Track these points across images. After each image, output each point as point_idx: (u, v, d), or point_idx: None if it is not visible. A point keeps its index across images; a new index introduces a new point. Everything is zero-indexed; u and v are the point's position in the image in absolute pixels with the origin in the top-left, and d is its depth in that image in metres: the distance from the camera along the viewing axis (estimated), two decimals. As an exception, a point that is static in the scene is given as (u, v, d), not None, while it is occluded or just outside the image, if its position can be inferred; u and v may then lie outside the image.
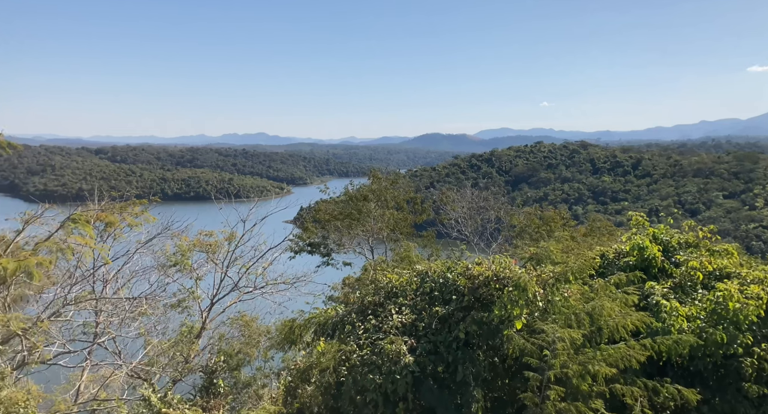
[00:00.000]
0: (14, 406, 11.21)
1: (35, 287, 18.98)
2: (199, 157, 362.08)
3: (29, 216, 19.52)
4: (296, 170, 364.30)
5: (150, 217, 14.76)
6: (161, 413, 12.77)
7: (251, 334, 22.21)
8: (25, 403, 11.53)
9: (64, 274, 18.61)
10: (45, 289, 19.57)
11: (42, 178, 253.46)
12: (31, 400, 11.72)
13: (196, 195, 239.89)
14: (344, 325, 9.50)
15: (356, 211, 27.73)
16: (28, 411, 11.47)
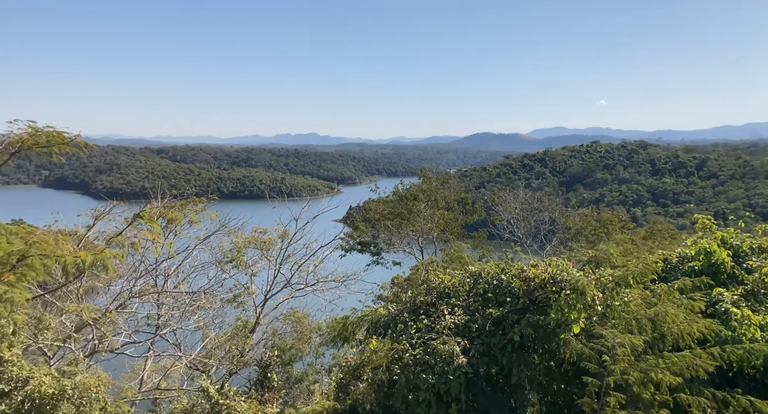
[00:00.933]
0: (87, 391, 11.88)
1: (104, 280, 20.15)
2: (254, 156, 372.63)
3: (99, 212, 20.74)
4: (346, 170, 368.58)
5: (213, 215, 15.32)
6: (219, 404, 13.27)
7: (303, 331, 22.66)
8: (97, 388, 12.20)
9: (129, 268, 19.61)
10: (113, 282, 20.74)
11: (109, 176, 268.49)
12: (102, 387, 12.38)
13: (250, 194, 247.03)
14: (396, 324, 9.55)
15: (406, 210, 27.76)
16: (99, 396, 12.13)
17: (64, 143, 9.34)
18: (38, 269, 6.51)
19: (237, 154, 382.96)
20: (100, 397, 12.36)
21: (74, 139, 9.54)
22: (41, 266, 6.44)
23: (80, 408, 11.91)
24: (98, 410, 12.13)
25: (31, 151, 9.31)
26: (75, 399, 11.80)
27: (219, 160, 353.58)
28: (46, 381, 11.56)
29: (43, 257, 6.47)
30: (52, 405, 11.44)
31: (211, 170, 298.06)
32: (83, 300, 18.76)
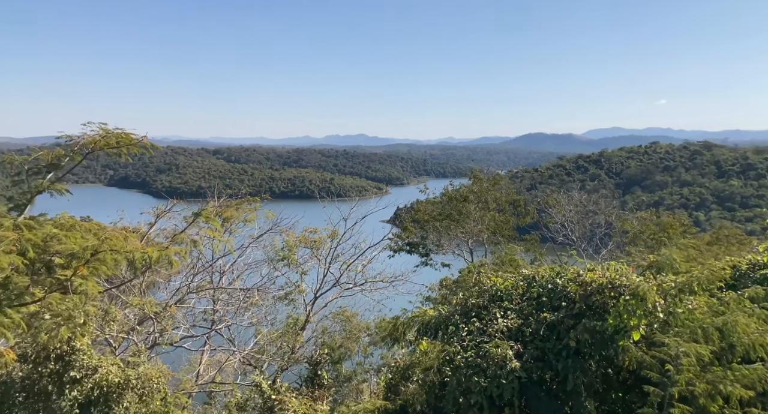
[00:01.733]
0: (149, 382, 12.47)
1: (164, 275, 21.07)
2: (304, 157, 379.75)
3: (160, 211, 21.72)
4: (394, 170, 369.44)
5: (269, 214, 15.75)
6: (271, 399, 13.60)
7: (352, 330, 22.87)
8: (158, 379, 12.78)
9: (188, 265, 20.40)
10: (172, 278, 21.66)
11: (168, 175, 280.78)
12: (162, 378, 12.95)
13: (300, 193, 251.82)
14: (447, 326, 9.50)
15: (456, 212, 27.51)
16: (159, 387, 12.70)
17: (132, 144, 9.82)
18: (109, 264, 6.88)
19: (288, 154, 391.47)
20: (161, 388, 12.93)
21: (141, 140, 10.02)
22: (112, 261, 6.82)
23: (143, 397, 12.51)
24: (159, 400, 12.69)
25: (101, 152, 9.85)
26: (138, 389, 12.40)
27: (271, 161, 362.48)
28: (112, 370, 12.21)
29: (114, 253, 6.84)
30: (118, 393, 12.06)
31: (264, 170, 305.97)
32: (145, 294, 19.71)
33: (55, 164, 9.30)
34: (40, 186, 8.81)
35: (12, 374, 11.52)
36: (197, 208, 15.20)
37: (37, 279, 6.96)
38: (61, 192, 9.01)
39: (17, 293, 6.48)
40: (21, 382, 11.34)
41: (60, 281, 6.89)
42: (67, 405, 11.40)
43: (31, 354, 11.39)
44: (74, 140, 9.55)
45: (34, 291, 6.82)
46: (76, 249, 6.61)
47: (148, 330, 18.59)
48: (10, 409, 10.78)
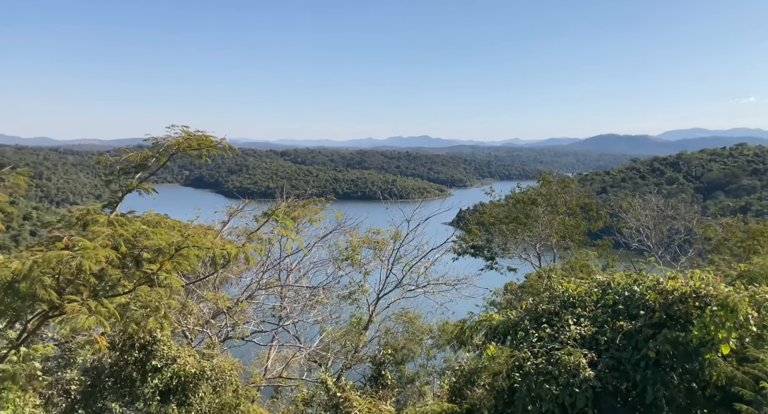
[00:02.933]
0: (222, 373, 13.06)
1: (235, 271, 21.93)
2: (367, 159, 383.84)
3: (233, 210, 22.70)
4: (456, 172, 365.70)
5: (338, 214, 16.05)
6: (336, 396, 13.83)
7: (415, 332, 22.85)
8: (230, 372, 13.34)
9: (257, 262, 21.12)
10: (243, 274, 22.53)
11: (238, 176, 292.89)
12: (234, 371, 13.52)
13: (363, 194, 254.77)
14: (517, 331, 9.28)
15: (523, 215, 26.80)
16: (232, 379, 13.26)
17: (212, 146, 10.31)
18: (191, 259, 7.23)
19: (351, 156, 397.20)
20: (233, 380, 13.49)
21: (220, 142, 10.49)
22: (194, 257, 7.16)
23: (216, 388, 13.10)
24: (231, 392, 13.25)
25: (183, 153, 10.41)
26: (213, 380, 13.01)
27: (335, 162, 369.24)
28: (189, 361, 12.88)
29: (196, 249, 7.18)
30: (194, 383, 12.70)
31: (328, 172, 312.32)
32: (218, 290, 20.63)
33: (142, 165, 9.93)
34: (130, 185, 9.43)
35: (102, 360, 12.44)
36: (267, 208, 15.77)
37: (127, 272, 7.42)
38: (149, 191, 9.61)
39: (111, 284, 6.96)
40: (110, 368, 12.21)
41: (147, 275, 7.32)
42: (149, 392, 12.16)
43: (118, 342, 12.24)
44: (159, 142, 10.15)
45: (124, 283, 7.30)
46: (163, 244, 7.00)
47: (221, 324, 19.46)
48: (101, 393, 11.63)
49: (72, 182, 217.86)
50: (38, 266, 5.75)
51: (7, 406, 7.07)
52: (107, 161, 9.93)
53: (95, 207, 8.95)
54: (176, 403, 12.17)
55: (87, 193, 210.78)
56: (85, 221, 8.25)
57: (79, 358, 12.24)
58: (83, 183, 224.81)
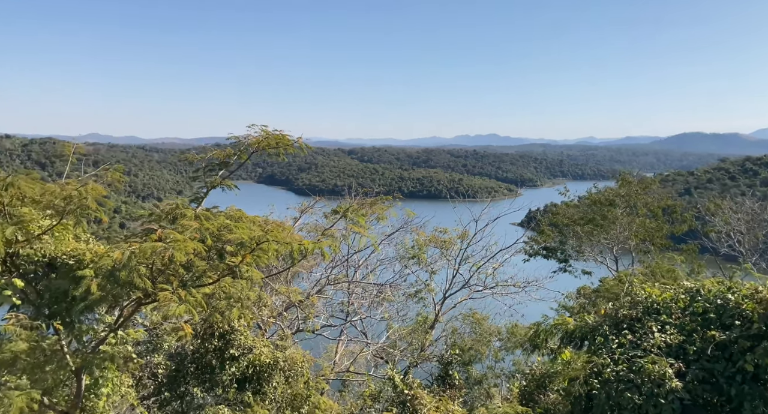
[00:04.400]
0: (294, 365, 13.49)
1: (306, 266, 22.56)
2: (433, 157, 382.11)
3: (304, 206, 23.36)
4: (526, 171, 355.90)
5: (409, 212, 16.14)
6: (404, 393, 13.90)
7: (482, 333, 22.53)
8: (301, 363, 13.76)
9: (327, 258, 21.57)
10: (313, 269, 23.15)
11: (308, 174, 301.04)
12: (305, 362, 13.93)
13: (428, 193, 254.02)
14: (595, 337, 8.90)
15: (600, 216, 25.60)
16: (303, 371, 13.67)
17: (288, 145, 10.65)
18: (270, 253, 7.49)
19: (417, 154, 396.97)
20: (304, 372, 13.89)
21: (296, 141, 10.82)
22: (273, 251, 7.41)
23: (289, 379, 13.55)
24: (302, 383, 13.65)
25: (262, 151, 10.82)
26: (286, 370, 13.46)
27: (401, 161, 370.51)
28: (264, 351, 13.41)
29: (275, 243, 7.43)
30: (269, 373, 13.20)
31: (394, 170, 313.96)
32: (290, 283, 21.33)
33: (225, 162, 10.43)
34: (214, 181, 9.93)
35: (185, 347, 13.21)
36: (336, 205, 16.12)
37: (211, 264, 7.79)
38: (231, 187, 10.09)
39: (198, 275, 7.36)
40: (192, 355, 12.95)
41: (229, 267, 7.66)
42: (227, 379, 12.77)
43: (199, 331, 12.95)
44: (241, 141, 10.62)
45: (209, 274, 7.68)
46: (245, 238, 7.30)
47: (292, 317, 20.11)
48: (184, 377, 12.36)
49: (156, 178, 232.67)
50: (135, 256, 6.18)
51: (106, 385, 7.68)
52: (194, 159, 10.51)
53: (183, 202, 9.51)
54: (251, 391, 12.70)
55: (169, 189, 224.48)
56: (174, 215, 8.79)
57: (165, 344, 13.07)
58: (166, 179, 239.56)
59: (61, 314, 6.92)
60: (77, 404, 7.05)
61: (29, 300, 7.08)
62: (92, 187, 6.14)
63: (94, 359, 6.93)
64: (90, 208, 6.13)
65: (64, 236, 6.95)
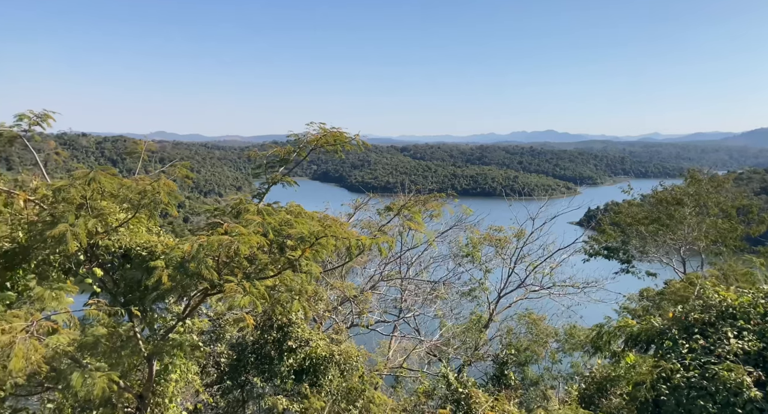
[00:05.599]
0: (349, 359, 13.67)
1: (360, 262, 22.80)
2: (487, 154, 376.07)
3: (358, 203, 23.62)
4: (585, 169, 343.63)
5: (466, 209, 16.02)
6: (458, 391, 13.81)
7: (539, 333, 22.05)
8: (356, 358, 13.93)
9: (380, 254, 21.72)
10: (366, 265, 23.38)
11: (360, 171, 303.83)
12: (360, 357, 14.09)
13: (482, 191, 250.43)
14: (662, 341, 8.49)
15: (666, 216, 24.32)
16: (357, 365, 13.83)
17: (346, 142, 10.78)
18: (329, 248, 7.60)
19: (471, 151, 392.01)
20: (359, 366, 14.05)
21: (353, 138, 10.94)
22: (332, 246, 7.52)
23: (344, 373, 13.75)
24: (357, 377, 13.82)
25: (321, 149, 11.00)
26: (341, 364, 13.67)
27: (454, 158, 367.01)
28: (320, 344, 13.66)
29: (334, 238, 7.54)
30: (324, 366, 13.45)
31: (447, 167, 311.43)
32: (344, 278, 21.64)
33: (286, 159, 10.69)
34: (275, 178, 10.20)
35: (245, 338, 13.67)
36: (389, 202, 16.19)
37: (272, 257, 7.99)
38: (291, 183, 10.33)
39: (260, 268, 7.58)
40: (252, 345, 13.38)
41: (289, 261, 7.82)
42: (285, 370, 13.11)
43: (259, 322, 13.37)
44: (300, 138, 10.84)
45: (270, 268, 7.89)
46: (305, 233, 7.45)
47: (346, 311, 20.39)
48: (244, 367, 12.80)
49: (217, 175, 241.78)
50: (203, 248, 6.44)
51: (175, 371, 8.08)
52: (255, 156, 10.84)
53: (246, 197, 9.84)
54: (308, 383, 12.98)
55: (229, 185, 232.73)
56: (237, 210, 9.10)
57: (227, 334, 13.58)
58: (226, 175, 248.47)
59: (134, 302, 7.33)
60: (149, 388, 7.45)
61: (107, 288, 7.54)
62: (164, 183, 6.45)
63: (165, 346, 7.30)
64: (162, 203, 6.44)
65: (138, 229, 7.34)
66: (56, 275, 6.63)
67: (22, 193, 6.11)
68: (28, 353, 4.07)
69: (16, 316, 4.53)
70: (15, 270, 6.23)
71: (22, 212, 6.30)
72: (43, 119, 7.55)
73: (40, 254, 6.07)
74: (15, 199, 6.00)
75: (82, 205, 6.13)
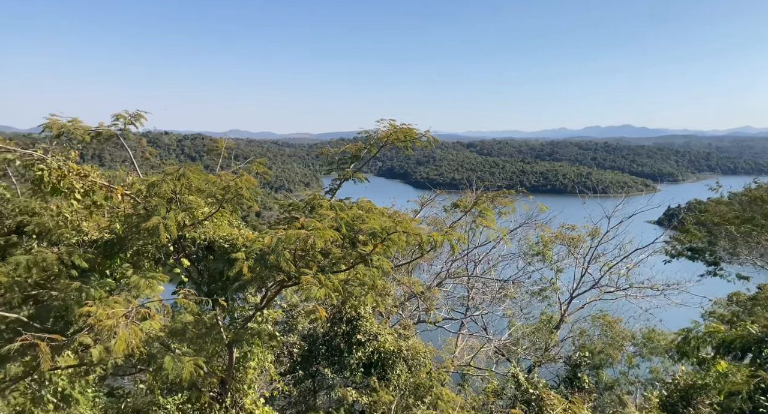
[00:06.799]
0: (417, 354, 13.72)
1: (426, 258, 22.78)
2: (558, 150, 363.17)
3: (424, 200, 23.58)
4: (665, 165, 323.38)
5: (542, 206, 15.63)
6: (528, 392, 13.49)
7: (614, 336, 21.21)
8: (424, 354, 13.96)
9: (447, 251, 21.63)
10: (433, 262, 23.33)
11: (425, 167, 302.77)
12: (428, 353, 14.10)
13: (552, 188, 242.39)
14: (761, 349, 7.86)
15: (761, 215, 22.34)
16: (425, 361, 13.85)
17: (416, 138, 10.78)
18: (400, 244, 7.63)
19: (541, 147, 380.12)
20: (427, 362, 14.06)
21: (424, 134, 10.92)
22: (403, 242, 7.54)
23: (412, 368, 13.81)
24: (425, 374, 13.83)
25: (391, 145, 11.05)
26: (409, 359, 13.74)
27: (523, 154, 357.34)
28: (389, 339, 13.80)
29: (405, 234, 7.56)
30: (392, 360, 13.57)
31: (515, 163, 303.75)
32: (411, 275, 21.70)
33: (357, 156, 10.85)
34: (347, 174, 10.38)
35: (316, 329, 14.06)
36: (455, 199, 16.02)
37: (344, 252, 8.13)
38: (362, 179, 10.48)
39: (334, 262, 7.75)
40: (323, 337, 13.74)
41: (361, 255, 7.92)
42: (354, 363, 13.35)
43: (329, 315, 13.70)
44: (370, 135, 10.95)
45: (343, 262, 8.03)
46: (377, 228, 7.53)
47: (413, 307, 20.46)
48: (315, 358, 13.17)
49: (287, 171, 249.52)
50: (282, 242, 6.66)
51: (253, 358, 8.45)
52: (328, 153, 11.08)
53: (318, 193, 10.08)
54: (377, 376, 13.15)
55: (298, 181, 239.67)
56: (311, 205, 9.35)
57: (299, 325, 14.02)
58: (296, 172, 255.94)
59: (217, 292, 7.73)
60: (231, 374, 7.83)
61: (192, 278, 7.99)
62: (246, 179, 6.74)
63: (244, 334, 7.64)
64: (244, 198, 6.73)
65: (221, 222, 7.72)
66: (148, 265, 7.11)
67: (120, 187, 6.61)
68: (129, 337, 4.42)
69: (116, 301, 4.93)
70: (113, 259, 6.76)
71: (120, 205, 6.82)
72: (136, 119, 8.11)
73: (134, 244, 6.56)
74: (114, 193, 6.51)
75: (172, 200, 6.54)
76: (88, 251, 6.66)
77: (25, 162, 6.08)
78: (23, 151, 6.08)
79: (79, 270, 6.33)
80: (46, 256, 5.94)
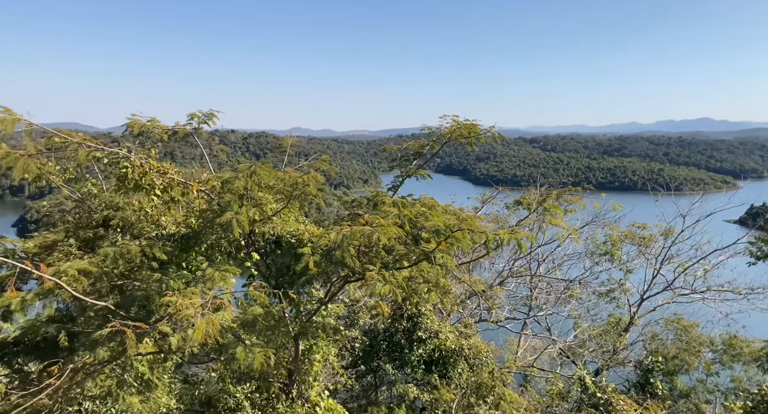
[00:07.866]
0: (479, 354, 13.55)
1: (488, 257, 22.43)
2: (628, 145, 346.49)
3: (486, 197, 23.18)
4: (748, 161, 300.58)
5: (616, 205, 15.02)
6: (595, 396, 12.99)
7: (690, 341, 20.06)
8: (486, 353, 13.77)
9: (510, 250, 21.18)
10: (495, 260, 22.93)
11: (485, 164, 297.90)
12: (490, 353, 13.89)
13: (620, 185, 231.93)
14: None
15: None
16: (488, 361, 13.66)
17: (480, 134, 10.61)
18: (464, 242, 7.54)
19: (609, 142, 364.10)
20: (489, 362, 13.87)
21: (489, 130, 10.73)
22: (467, 239, 7.44)
23: (473, 367, 13.66)
24: (487, 373, 13.64)
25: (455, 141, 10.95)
26: (471, 358, 13.60)
27: (589, 150, 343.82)
28: (450, 337, 13.71)
29: (470, 232, 7.46)
30: (454, 359, 13.48)
31: (580, 160, 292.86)
32: (471, 272, 21.43)
33: (419, 152, 10.82)
34: (409, 171, 10.37)
35: (377, 325, 14.19)
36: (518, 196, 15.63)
37: (407, 249, 8.12)
38: (424, 176, 10.44)
39: (397, 258, 7.77)
40: (383, 333, 13.85)
41: (424, 253, 7.89)
42: (415, 359, 13.37)
43: (390, 311, 13.78)
44: (433, 131, 10.89)
45: (406, 259, 8.03)
46: (441, 226, 7.47)
47: (473, 306, 20.21)
48: (377, 353, 13.29)
49: (346, 168, 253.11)
50: (347, 238, 6.76)
51: (318, 351, 8.64)
52: (390, 150, 11.12)
53: (381, 190, 10.14)
54: (438, 374, 13.11)
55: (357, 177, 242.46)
56: (374, 202, 9.42)
57: (361, 321, 14.20)
58: (354, 168, 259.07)
59: (284, 285, 7.95)
60: (297, 365, 8.05)
61: (260, 272, 8.27)
62: (313, 175, 6.89)
63: (310, 327, 7.82)
64: (312, 194, 6.88)
65: (288, 218, 7.93)
66: (220, 258, 7.43)
67: (196, 184, 6.95)
68: (207, 327, 4.64)
69: (193, 293, 5.18)
70: (188, 252, 7.12)
71: (194, 201, 7.17)
72: (209, 118, 8.49)
73: (209, 239, 6.87)
74: (189, 189, 6.85)
75: (243, 196, 6.79)
76: (167, 244, 7.05)
77: (112, 160, 6.52)
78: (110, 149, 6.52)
79: (159, 262, 6.72)
80: (130, 248, 6.35)
